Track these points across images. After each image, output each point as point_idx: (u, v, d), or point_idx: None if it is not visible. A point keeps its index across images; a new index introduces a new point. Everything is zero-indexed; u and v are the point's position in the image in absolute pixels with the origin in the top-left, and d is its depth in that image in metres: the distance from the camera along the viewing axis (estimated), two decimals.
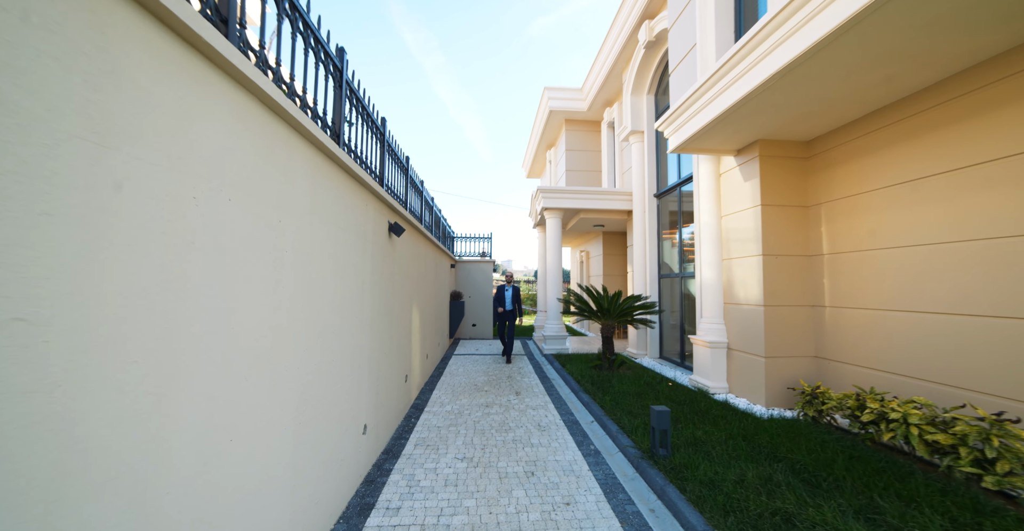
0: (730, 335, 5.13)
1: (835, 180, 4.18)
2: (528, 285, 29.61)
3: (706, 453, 3.15)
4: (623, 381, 5.74)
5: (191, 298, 1.25)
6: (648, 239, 8.00)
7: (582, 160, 11.66)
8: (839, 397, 3.41)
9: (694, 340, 5.60)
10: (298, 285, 1.93)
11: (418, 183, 5.48)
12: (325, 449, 2.25)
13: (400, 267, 4.23)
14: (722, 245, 5.33)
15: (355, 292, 2.81)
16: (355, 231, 2.82)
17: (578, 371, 6.45)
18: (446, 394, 5.36)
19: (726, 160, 5.24)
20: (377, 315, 3.34)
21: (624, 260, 11.29)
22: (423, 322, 5.79)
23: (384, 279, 3.56)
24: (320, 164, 2.21)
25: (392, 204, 3.68)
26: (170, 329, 1.17)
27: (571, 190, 8.78)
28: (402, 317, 4.38)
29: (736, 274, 5.01)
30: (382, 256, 3.50)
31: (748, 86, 3.34)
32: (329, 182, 2.34)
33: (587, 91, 10.51)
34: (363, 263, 2.99)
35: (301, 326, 1.98)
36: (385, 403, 3.60)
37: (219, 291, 1.38)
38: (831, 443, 3.11)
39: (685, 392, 5.01)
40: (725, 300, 5.25)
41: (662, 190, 7.85)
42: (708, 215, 5.47)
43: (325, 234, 2.28)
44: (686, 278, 6.89)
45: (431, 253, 6.65)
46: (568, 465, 3.29)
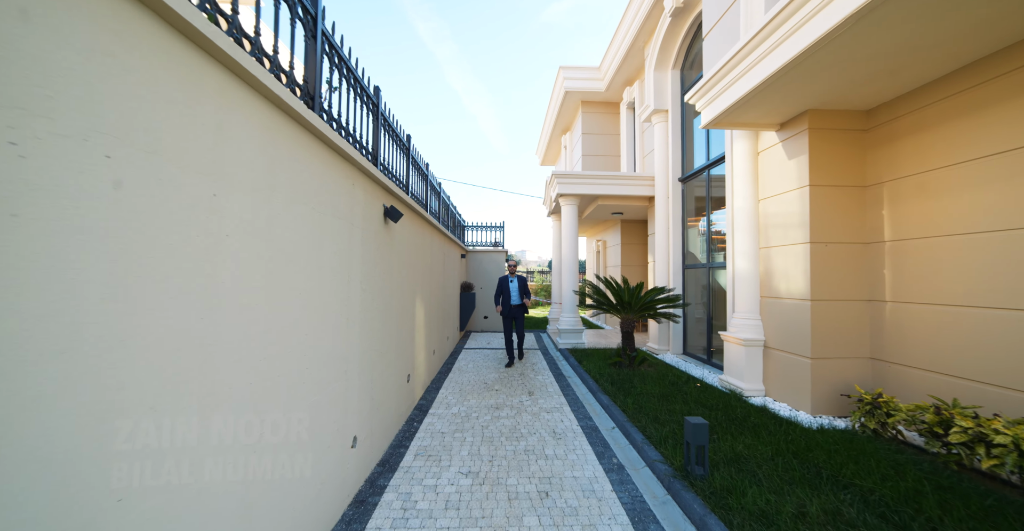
0: (767, 332, 4.60)
1: (904, 154, 3.57)
2: (542, 276, 29.18)
3: (751, 474, 2.68)
4: (646, 380, 5.28)
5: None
6: (672, 227, 7.43)
7: (599, 144, 11.04)
8: (909, 409, 2.88)
9: (725, 337, 5.09)
10: (246, 279, 1.52)
11: (422, 165, 5.04)
12: (294, 477, 1.87)
13: (400, 256, 3.83)
14: (759, 232, 4.77)
15: (339, 285, 2.41)
16: (338, 214, 2.40)
17: (596, 368, 6.00)
18: (453, 394, 4.99)
19: (766, 136, 4.64)
20: (370, 310, 2.95)
21: (644, 250, 10.71)
22: (429, 316, 5.40)
23: (379, 269, 3.15)
24: (283, 129, 1.79)
25: (388, 186, 3.26)
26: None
27: (588, 175, 8.23)
28: (403, 311, 3.99)
29: (776, 264, 4.46)
30: (376, 244, 3.09)
31: (813, 35, 2.76)
32: (298, 153, 1.91)
33: (605, 70, 9.85)
34: (350, 251, 2.58)
35: (255, 329, 1.57)
36: (382, 408, 3.23)
37: (88, 290, 0.96)
38: (907, 467, 2.59)
39: (716, 394, 4.52)
40: (762, 293, 4.71)
41: (687, 174, 7.24)
42: (743, 199, 4.90)
43: (293, 216, 1.87)
44: (715, 269, 6.34)
45: (438, 242, 6.24)
46: (588, 483, 2.86)
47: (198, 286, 1.28)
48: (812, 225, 3.95)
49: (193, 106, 1.26)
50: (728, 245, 5.42)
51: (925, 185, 3.37)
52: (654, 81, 7.61)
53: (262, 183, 1.62)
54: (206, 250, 1.32)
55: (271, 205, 1.68)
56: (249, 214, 1.53)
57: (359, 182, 2.74)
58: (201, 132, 1.29)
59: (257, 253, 1.59)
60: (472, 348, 8.31)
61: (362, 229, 2.79)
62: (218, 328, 1.37)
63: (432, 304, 5.67)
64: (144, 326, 1.09)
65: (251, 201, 1.55)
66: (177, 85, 1.21)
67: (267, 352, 1.66)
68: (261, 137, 1.61)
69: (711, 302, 6.42)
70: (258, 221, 1.59)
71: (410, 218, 4.29)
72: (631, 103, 9.90)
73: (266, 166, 1.65)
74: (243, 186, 1.49)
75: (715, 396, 4.47)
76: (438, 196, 6.71)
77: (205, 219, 1.31)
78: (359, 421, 2.73)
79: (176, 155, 1.20)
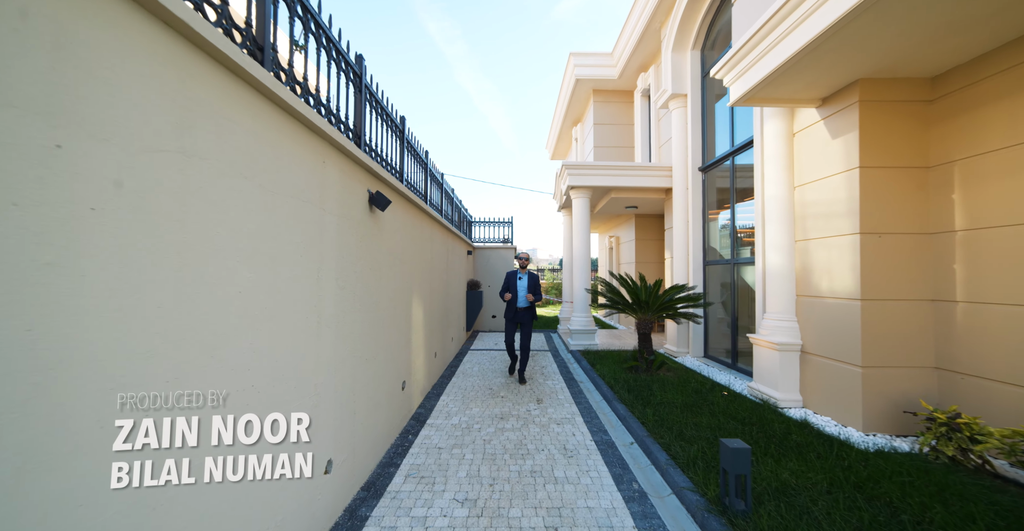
0: (805, 335, 4.08)
1: (984, 125, 3.01)
2: (553, 274, 28.69)
3: (805, 512, 2.20)
4: (666, 387, 4.79)
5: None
6: (691, 220, 6.90)
7: (612, 135, 10.51)
8: (1005, 434, 2.36)
9: (754, 340, 4.58)
10: (124, 272, 1.11)
11: (420, 152, 4.62)
12: (235, 527, 1.45)
13: (391, 250, 3.41)
14: (795, 223, 4.24)
15: (305, 281, 2.00)
16: (302, 196, 1.99)
17: (610, 373, 5.53)
18: (455, 400, 4.57)
19: (803, 115, 4.11)
20: (351, 312, 2.53)
21: (660, 246, 10.17)
22: (429, 316, 5.00)
23: (363, 264, 2.74)
24: (206, 76, 1.37)
25: (374, 169, 2.84)
26: None
27: (601, 165, 7.72)
28: (396, 312, 3.58)
29: (816, 259, 3.93)
30: (359, 234, 2.68)
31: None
32: (236, 112, 1.50)
33: (618, 55, 9.31)
34: (320, 241, 2.17)
35: (156, 344, 1.16)
36: (368, 422, 2.82)
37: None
38: (1017, 512, 2.06)
39: (747, 405, 4.02)
40: (799, 291, 4.19)
41: (708, 163, 6.70)
42: (776, 186, 4.37)
43: (226, 193, 1.45)
44: (740, 265, 5.81)
45: (439, 236, 5.82)
46: (605, 516, 2.42)
47: (30, 283, 0.86)
48: (863, 213, 3.42)
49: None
50: (757, 238, 4.89)
51: (1016, 161, 2.82)
52: (672, 63, 7.07)
53: (168, 144, 1.20)
54: (46, 232, 0.90)
55: (186, 175, 1.27)
56: (137, 183, 1.11)
57: (333, 160, 2.32)
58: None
59: (158, 238, 1.17)
60: (479, 349, 7.90)
61: (338, 216, 2.38)
62: (78, 342, 0.96)
63: (433, 303, 5.26)
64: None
65: (144, 165, 1.13)
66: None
67: (180, 371, 1.25)
68: (162, 75, 1.19)
69: (736, 301, 5.89)
70: (159, 194, 1.18)
71: (404, 208, 3.87)
72: (646, 90, 9.35)
73: (175, 120, 1.23)
74: (120, 140, 1.07)
75: (746, 407, 3.98)
76: (440, 187, 6.29)
77: (39, 177, 0.89)
78: (336, 441, 2.32)
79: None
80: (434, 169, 5.66)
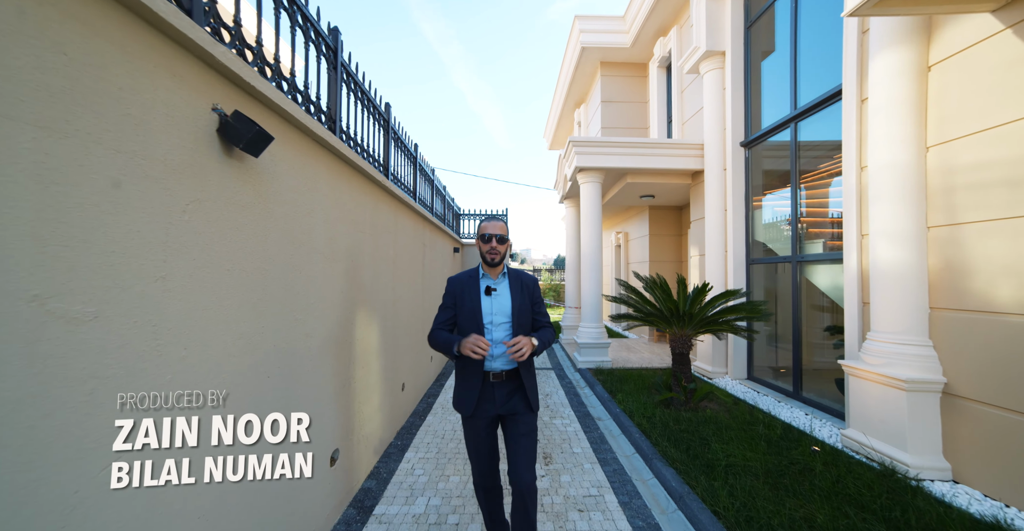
0: (954, 369, 2.71)
1: None
2: (550, 275, 27.17)
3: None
4: (723, 434, 3.43)
5: None
6: (731, 207, 5.53)
7: (623, 114, 9.12)
8: None
9: (853, 370, 3.21)
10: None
11: (363, 84, 3.16)
12: None
13: (294, 235, 1.99)
14: (927, 201, 2.87)
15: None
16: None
17: (638, 407, 4.14)
18: (425, 461, 3.14)
19: (954, 32, 2.72)
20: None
21: (678, 242, 8.80)
22: (391, 336, 3.56)
23: (201, 256, 1.31)
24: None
25: (229, 67, 1.41)
26: None
27: (616, 142, 6.32)
28: (324, 345, 2.15)
29: (976, 254, 2.56)
30: (186, 197, 1.25)
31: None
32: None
33: (632, 17, 7.93)
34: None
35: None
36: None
37: None
38: None
39: (864, 476, 2.64)
40: (935, 302, 2.82)
41: (753, 136, 5.33)
42: (893, 148, 3.00)
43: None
44: (806, 263, 4.44)
45: (409, 224, 4.38)
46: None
47: None
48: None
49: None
50: (849, 226, 3.52)
51: None
52: (706, 13, 5.69)
53: None
54: None
55: None
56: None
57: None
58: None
59: None
60: None
61: (119, 151, 0.95)
62: None
63: (399, 318, 3.82)
64: None
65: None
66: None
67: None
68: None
69: (798, 310, 4.52)
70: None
71: (334, 169, 2.44)
72: (664, 58, 7.98)
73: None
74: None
75: (865, 481, 2.59)
76: (414, 163, 4.84)
77: None
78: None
79: None
80: (401, 133, 4.21)
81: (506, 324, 1.92)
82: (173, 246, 1.20)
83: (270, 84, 1.66)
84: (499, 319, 1.92)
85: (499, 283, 1.99)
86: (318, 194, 2.21)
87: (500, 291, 1.96)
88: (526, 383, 1.91)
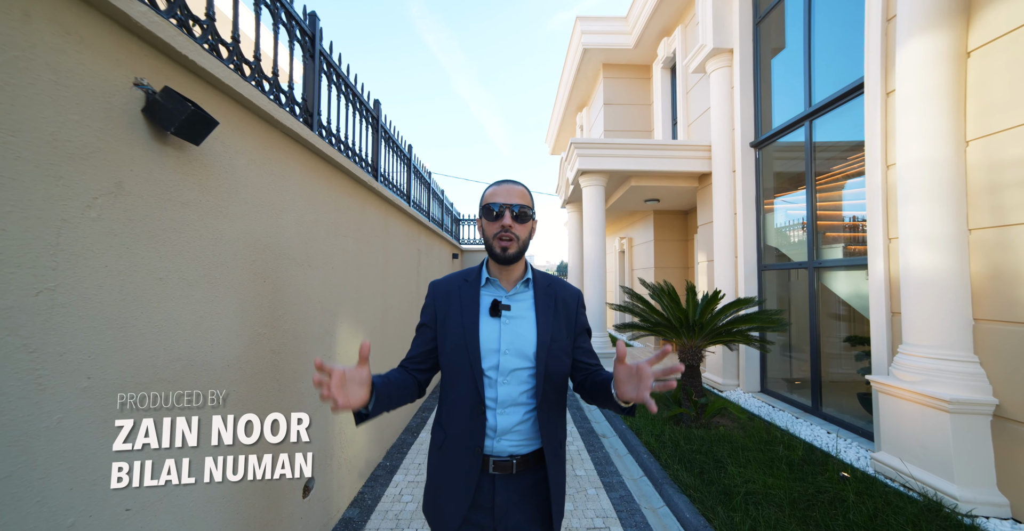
0: (1006, 389, 2.42)
1: None
2: None
3: None
4: (739, 455, 3.13)
5: None
6: (741, 211, 5.26)
7: (626, 116, 8.90)
8: None
9: (884, 387, 2.92)
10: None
11: (347, 77, 2.93)
12: None
13: (268, 237, 1.73)
14: (971, 200, 2.60)
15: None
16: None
17: (646, 424, 3.84)
18: (415, 486, 2.84)
19: (992, 15, 2.48)
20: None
21: (685, 247, 8.52)
22: (380, 348, 3.30)
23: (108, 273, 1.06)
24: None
25: (158, 35, 1.17)
26: None
27: (620, 144, 6.09)
28: (300, 356, 1.89)
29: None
30: (118, 199, 1.00)
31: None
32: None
33: (635, 18, 7.74)
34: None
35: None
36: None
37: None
38: None
39: (904, 510, 2.34)
40: (980, 313, 2.53)
41: (764, 136, 5.09)
42: (926, 143, 2.73)
43: None
44: (824, 269, 4.16)
45: (401, 229, 4.13)
46: None
47: None
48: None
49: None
50: (874, 230, 3.25)
51: None
52: (712, 11, 5.47)
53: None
54: None
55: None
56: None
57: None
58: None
59: None
60: None
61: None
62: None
63: (389, 328, 3.56)
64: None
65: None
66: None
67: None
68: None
69: (816, 318, 4.23)
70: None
71: (308, 165, 2.20)
72: (668, 59, 7.77)
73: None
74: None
75: (901, 511, 2.30)
76: (408, 164, 4.61)
77: None
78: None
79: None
80: (393, 132, 3.98)
81: (525, 372, 1.10)
82: (70, 250, 0.95)
83: (218, 61, 1.42)
84: (512, 362, 1.09)
85: (517, 295, 1.16)
86: (289, 193, 1.97)
87: (518, 310, 1.13)
88: (552, 480, 1.09)
